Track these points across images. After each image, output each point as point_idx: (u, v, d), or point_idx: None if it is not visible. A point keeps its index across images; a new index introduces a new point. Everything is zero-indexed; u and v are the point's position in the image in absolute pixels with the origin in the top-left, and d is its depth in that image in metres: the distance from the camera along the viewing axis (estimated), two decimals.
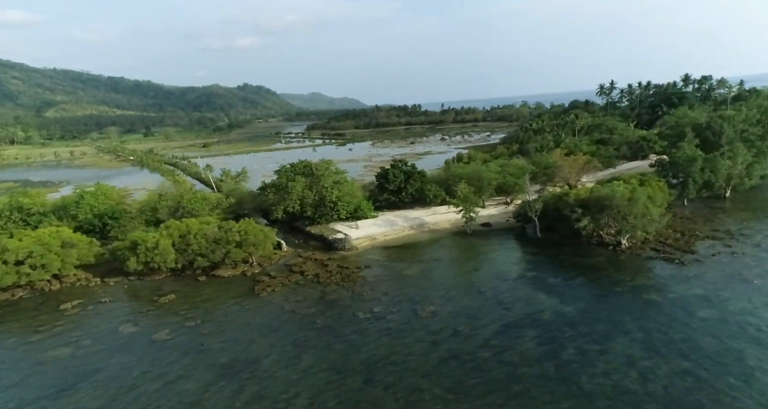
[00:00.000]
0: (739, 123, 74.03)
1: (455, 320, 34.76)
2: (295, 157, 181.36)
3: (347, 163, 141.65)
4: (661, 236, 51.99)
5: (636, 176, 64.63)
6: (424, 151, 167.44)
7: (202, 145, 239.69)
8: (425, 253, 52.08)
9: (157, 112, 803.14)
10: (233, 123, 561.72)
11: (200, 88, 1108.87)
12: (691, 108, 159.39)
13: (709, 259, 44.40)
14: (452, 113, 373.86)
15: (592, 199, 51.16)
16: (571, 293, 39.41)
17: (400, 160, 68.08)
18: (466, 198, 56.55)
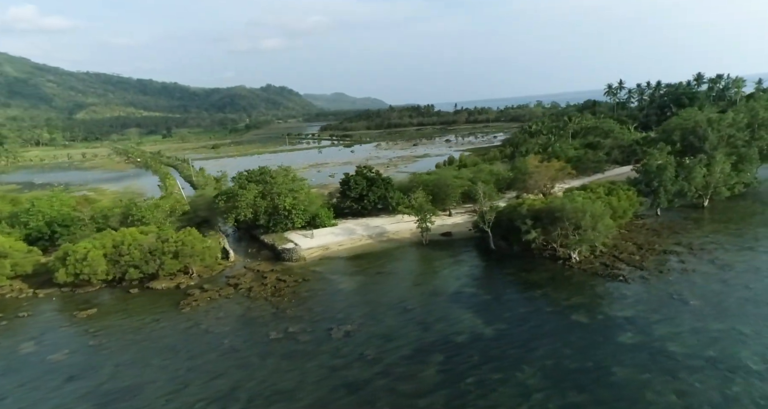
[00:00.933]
0: (725, 127, 69.79)
1: (367, 342, 33.70)
2: (297, 158, 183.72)
3: (342, 166, 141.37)
4: (617, 248, 49.60)
5: (605, 185, 61.98)
6: (423, 153, 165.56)
7: (212, 147, 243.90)
8: (372, 265, 51.07)
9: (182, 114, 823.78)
10: (252, 124, 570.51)
11: (224, 89, 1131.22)
12: (701, 109, 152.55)
13: (656, 276, 41.91)
14: (465, 113, 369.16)
15: (544, 211, 49.14)
16: (499, 312, 37.81)
17: (364, 167, 67.14)
18: (421, 207, 55.20)
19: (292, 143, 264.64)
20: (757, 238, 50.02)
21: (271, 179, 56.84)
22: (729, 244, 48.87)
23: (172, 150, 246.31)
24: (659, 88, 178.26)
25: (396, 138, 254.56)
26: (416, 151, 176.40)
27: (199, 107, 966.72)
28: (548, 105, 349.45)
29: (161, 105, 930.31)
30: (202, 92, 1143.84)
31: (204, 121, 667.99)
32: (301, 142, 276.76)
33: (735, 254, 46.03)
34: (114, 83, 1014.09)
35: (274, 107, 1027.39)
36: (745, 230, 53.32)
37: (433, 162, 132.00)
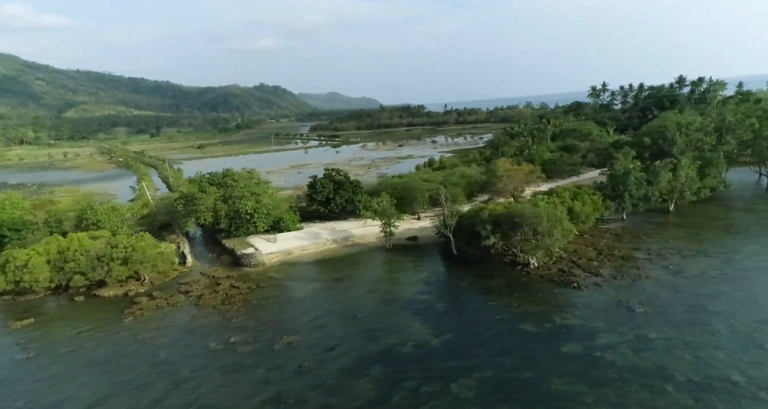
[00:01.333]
0: (693, 132, 69.79)
1: (308, 353, 32.92)
2: (282, 159, 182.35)
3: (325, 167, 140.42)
4: (578, 254, 49.25)
5: (571, 189, 61.68)
6: (407, 154, 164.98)
7: (197, 147, 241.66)
8: (331, 271, 50.36)
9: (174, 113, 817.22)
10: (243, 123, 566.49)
11: (217, 88, 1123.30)
12: (681, 111, 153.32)
13: (610, 283, 41.54)
14: (454, 114, 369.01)
15: (505, 216, 48.64)
16: (448, 320, 37.24)
17: (333, 169, 66.34)
18: (384, 212, 54.51)
19: (279, 143, 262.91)
20: (714, 243, 49.89)
21: (233, 182, 55.86)
22: (686, 249, 48.67)
23: (158, 150, 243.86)
24: (642, 90, 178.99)
25: (385, 138, 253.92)
26: (401, 152, 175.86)
27: (191, 106, 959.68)
28: (537, 106, 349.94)
29: (153, 104, 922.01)
30: (195, 91, 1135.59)
31: (196, 121, 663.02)
32: (290, 142, 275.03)
33: (690, 259, 45.82)
34: (106, 82, 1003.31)
35: (267, 106, 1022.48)
36: (704, 235, 53.18)
37: (416, 163, 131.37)
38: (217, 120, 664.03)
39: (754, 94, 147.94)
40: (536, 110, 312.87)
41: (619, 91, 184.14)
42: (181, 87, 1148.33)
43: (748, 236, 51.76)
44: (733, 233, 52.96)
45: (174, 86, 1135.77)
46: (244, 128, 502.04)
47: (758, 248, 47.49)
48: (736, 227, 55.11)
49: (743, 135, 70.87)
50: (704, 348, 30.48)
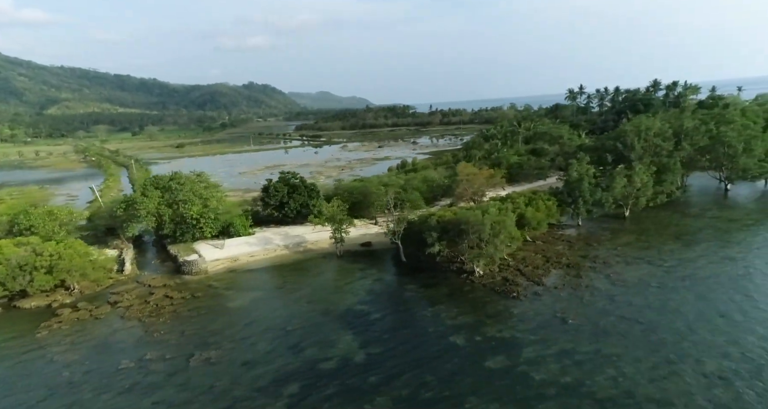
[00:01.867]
0: (651, 137, 69.65)
1: (225, 371, 31.30)
2: (259, 159, 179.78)
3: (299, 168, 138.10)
4: (525, 261, 48.38)
5: (526, 194, 60.97)
6: (384, 156, 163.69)
7: (176, 146, 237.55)
8: (276, 279, 48.84)
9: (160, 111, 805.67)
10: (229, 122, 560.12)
11: (205, 86, 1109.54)
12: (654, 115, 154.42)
13: (550, 292, 40.70)
14: (439, 115, 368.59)
15: (452, 222, 47.55)
16: (380, 333, 35.95)
17: (288, 172, 64.69)
18: (333, 217, 53.06)
19: (261, 143, 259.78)
20: (660, 251, 49.42)
21: (177, 186, 53.89)
22: (632, 257, 48.15)
23: (136, 149, 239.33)
24: (618, 93, 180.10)
25: (369, 139, 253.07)
26: (379, 153, 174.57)
27: (178, 104, 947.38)
28: (521, 108, 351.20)
29: (139, 101, 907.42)
30: (183, 89, 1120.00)
31: (181, 119, 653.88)
32: (273, 142, 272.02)
33: (633, 267, 45.27)
34: (90, 78, 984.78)
35: (256, 105, 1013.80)
36: (653, 242, 52.72)
37: (392, 164, 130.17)
38: (202, 118, 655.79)
39: (723, 99, 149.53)
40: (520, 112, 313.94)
41: (596, 94, 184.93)
42: (168, 85, 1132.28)
43: (694, 242, 51.46)
44: (681, 240, 52.61)
45: (161, 84, 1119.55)
46: (229, 127, 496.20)
47: (699, 256, 47.18)
48: (685, 234, 54.82)
49: (700, 141, 70.89)
50: (625, 362, 29.66)
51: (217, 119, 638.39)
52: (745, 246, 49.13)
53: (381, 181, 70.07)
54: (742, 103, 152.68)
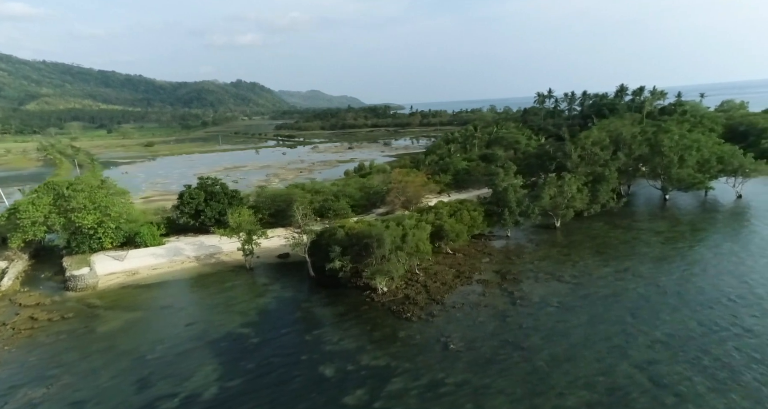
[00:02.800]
0: (589, 146, 68.04)
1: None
2: (222, 159, 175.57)
3: (259, 170, 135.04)
4: (436, 276, 46.12)
5: (452, 204, 58.72)
6: (349, 158, 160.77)
7: (146, 145, 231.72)
8: (167, 296, 45.81)
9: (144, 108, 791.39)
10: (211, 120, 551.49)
11: (192, 83, 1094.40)
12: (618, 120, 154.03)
13: (446, 312, 38.48)
14: (418, 116, 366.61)
15: (357, 236, 45.02)
16: (247, 362, 33.26)
17: (207, 177, 61.56)
18: (239, 227, 50.09)
19: (236, 143, 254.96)
20: (575, 265, 47.65)
21: (72, 193, 50.40)
22: (545, 272, 46.23)
23: (104, 147, 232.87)
24: (586, 97, 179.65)
25: (347, 139, 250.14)
26: (346, 155, 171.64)
27: (163, 101, 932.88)
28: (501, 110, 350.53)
29: (123, 98, 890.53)
30: (169, 86, 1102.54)
31: (164, 117, 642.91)
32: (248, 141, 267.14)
33: (541, 284, 43.33)
34: (74, 74, 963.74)
35: (243, 103, 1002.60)
36: (573, 255, 50.87)
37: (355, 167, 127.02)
38: (186, 116, 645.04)
39: (683, 105, 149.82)
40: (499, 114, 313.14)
41: (563, 98, 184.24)
42: (154, 81, 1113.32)
43: (612, 257, 49.73)
44: (601, 254, 50.86)
45: (147, 80, 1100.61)
46: (210, 126, 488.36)
47: (611, 272, 45.41)
48: (606, 247, 53.08)
49: (637, 150, 69.45)
50: (489, 395, 27.47)
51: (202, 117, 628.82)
52: (658, 262, 47.50)
53: (314, 187, 67.21)
54: (703, 110, 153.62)
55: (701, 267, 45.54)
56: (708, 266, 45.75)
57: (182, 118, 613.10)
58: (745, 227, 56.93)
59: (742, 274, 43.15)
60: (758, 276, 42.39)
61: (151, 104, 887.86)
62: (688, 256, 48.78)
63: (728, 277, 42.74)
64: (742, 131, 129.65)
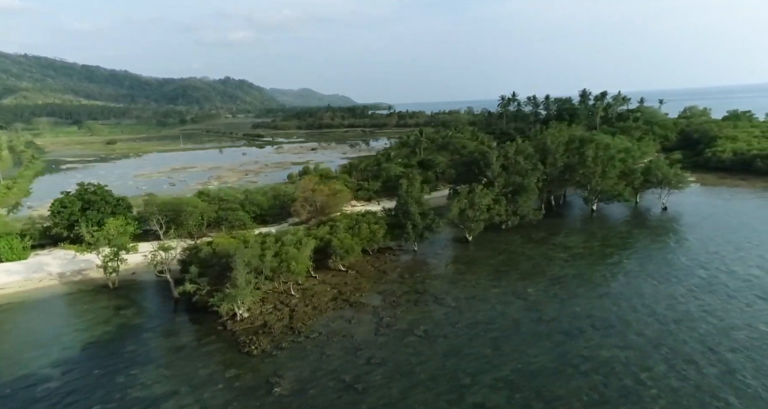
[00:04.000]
0: (512, 156, 64.23)
1: None
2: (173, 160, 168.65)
3: (208, 170, 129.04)
4: (312, 298, 41.80)
5: (353, 216, 54.31)
6: (305, 160, 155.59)
7: (107, 143, 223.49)
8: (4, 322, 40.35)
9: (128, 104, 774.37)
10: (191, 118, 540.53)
11: (178, 80, 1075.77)
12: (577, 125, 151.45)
13: (295, 345, 34.27)
14: (395, 116, 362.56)
15: (216, 256, 40.30)
16: None
17: (89, 184, 56.15)
18: (98, 242, 44.89)
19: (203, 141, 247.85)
20: (465, 287, 43.81)
21: None
22: (430, 294, 42.35)
23: (64, 144, 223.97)
24: (548, 102, 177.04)
25: (321, 139, 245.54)
26: (306, 156, 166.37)
27: (148, 98, 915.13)
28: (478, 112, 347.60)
29: (107, 94, 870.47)
30: (155, 82, 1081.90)
31: (145, 113, 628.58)
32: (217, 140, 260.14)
33: (418, 309, 39.42)
34: (56, 68, 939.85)
35: (230, 101, 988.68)
36: (468, 274, 46.91)
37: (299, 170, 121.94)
38: (168, 113, 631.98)
39: (636, 112, 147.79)
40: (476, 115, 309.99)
41: (526, 101, 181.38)
42: (139, 77, 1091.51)
43: (508, 276, 45.94)
44: (498, 272, 47.04)
45: (132, 76, 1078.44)
46: (189, 123, 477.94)
47: (498, 293, 41.70)
48: (508, 265, 49.27)
49: (560, 160, 65.81)
50: None
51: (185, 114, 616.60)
52: (551, 283, 43.75)
53: (219, 194, 62.13)
54: (660, 116, 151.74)
55: (588, 289, 41.91)
56: (597, 288, 42.10)
57: (164, 114, 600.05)
58: (656, 245, 53.48)
59: (625, 298, 39.63)
60: (638, 301, 38.86)
61: (135, 100, 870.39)
62: (584, 276, 45.04)
63: (609, 301, 39.12)
64: (696, 138, 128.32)
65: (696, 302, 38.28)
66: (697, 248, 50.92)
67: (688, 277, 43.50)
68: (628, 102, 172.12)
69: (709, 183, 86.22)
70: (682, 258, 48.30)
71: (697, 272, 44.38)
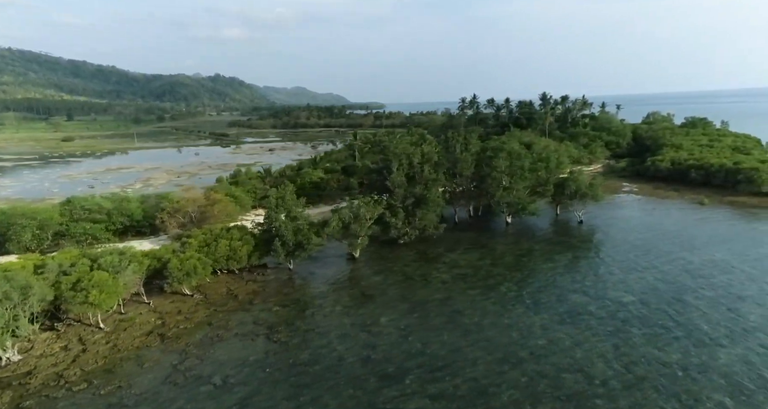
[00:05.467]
0: (417, 164, 58.77)
1: None
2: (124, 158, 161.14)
3: (147, 171, 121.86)
4: (120, 335, 35.65)
5: (215, 231, 48.20)
6: (254, 161, 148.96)
7: (63, 139, 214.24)
8: None
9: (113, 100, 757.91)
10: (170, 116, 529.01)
11: (166, 76, 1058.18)
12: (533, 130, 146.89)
13: (40, 404, 27.80)
14: (371, 117, 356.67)
15: None
16: None
17: None
18: None
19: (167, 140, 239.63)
20: (312, 316, 38.25)
21: None
22: (266, 326, 36.75)
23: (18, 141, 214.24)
24: (508, 105, 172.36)
25: (295, 139, 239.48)
26: (262, 157, 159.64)
27: (135, 94, 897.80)
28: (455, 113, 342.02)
29: (92, 89, 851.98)
30: (143, 78, 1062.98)
31: (127, 110, 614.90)
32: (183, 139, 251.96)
33: (242, 345, 33.88)
34: (41, 62, 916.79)
35: (219, 98, 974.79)
36: (325, 302, 41.36)
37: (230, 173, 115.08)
38: (152, 109, 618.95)
39: (585, 118, 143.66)
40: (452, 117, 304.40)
41: (485, 104, 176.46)
42: (127, 73, 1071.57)
43: (372, 301, 40.53)
44: (365, 296, 41.81)
45: (119, 72, 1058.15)
46: (168, 120, 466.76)
47: (347, 324, 35.96)
48: (381, 286, 43.84)
49: (466, 170, 60.47)
50: None
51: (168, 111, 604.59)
52: (408, 310, 38.44)
53: (82, 204, 55.36)
54: (616, 122, 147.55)
55: (445, 320, 36.62)
56: (455, 318, 36.83)
57: (147, 111, 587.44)
58: (547, 265, 48.27)
59: (477, 330, 34.55)
60: (492, 333, 33.63)
61: (120, 96, 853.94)
62: (449, 302, 39.66)
63: (457, 334, 33.94)
64: (647, 146, 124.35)
65: (552, 334, 33.17)
66: (586, 270, 45.97)
67: (559, 304, 38.44)
68: (590, 106, 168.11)
69: (643, 193, 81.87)
70: (566, 282, 43.26)
71: (571, 298, 39.37)
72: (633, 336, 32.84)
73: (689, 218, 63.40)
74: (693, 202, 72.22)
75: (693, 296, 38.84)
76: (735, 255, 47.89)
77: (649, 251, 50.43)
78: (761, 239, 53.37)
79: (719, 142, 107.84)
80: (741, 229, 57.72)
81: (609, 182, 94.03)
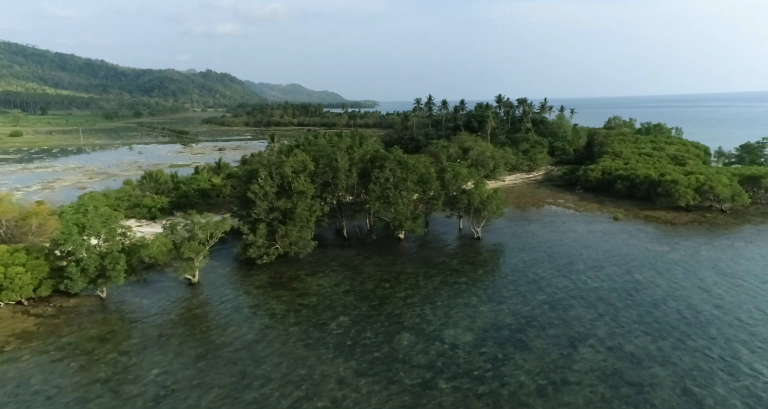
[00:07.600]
0: (289, 174, 50.97)
1: None
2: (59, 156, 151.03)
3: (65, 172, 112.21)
4: None
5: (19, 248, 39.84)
6: (192, 162, 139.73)
7: (10, 135, 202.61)
8: None
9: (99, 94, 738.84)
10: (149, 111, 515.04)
11: (156, 71, 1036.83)
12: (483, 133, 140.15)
13: None
14: (346, 116, 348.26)
15: None
16: None
17: None
18: None
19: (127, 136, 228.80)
20: (108, 363, 29.84)
21: None
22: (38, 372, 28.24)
23: None
24: (464, 107, 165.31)
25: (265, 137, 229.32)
26: (207, 158, 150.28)
27: (122, 88, 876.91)
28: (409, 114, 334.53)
29: (78, 83, 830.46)
30: (131, 73, 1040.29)
31: (110, 104, 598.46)
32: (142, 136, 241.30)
33: None
34: (27, 55, 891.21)
35: (209, 94, 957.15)
36: (108, 346, 33.13)
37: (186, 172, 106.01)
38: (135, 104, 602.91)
39: (528, 122, 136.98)
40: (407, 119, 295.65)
41: (441, 106, 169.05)
42: (116, 67, 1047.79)
43: (153, 347, 32.31)
44: (162, 336, 33.59)
45: (108, 65, 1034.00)
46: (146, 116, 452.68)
47: (114, 372, 27.78)
48: (183, 323, 35.78)
49: (345, 181, 52.77)
50: None
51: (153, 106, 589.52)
52: (187, 360, 30.58)
53: None
54: (567, 127, 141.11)
55: (204, 378, 28.74)
56: (217, 375, 28.99)
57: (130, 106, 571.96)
58: (402, 293, 41.01)
59: (264, 383, 26.66)
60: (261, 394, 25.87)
61: (107, 91, 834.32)
62: (237, 354, 31.87)
63: (195, 399, 26.02)
64: (595, 152, 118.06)
65: (347, 391, 25.61)
66: (444, 300, 38.69)
67: (377, 348, 31.07)
68: (550, 110, 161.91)
69: (568, 205, 74.97)
70: (407, 316, 35.91)
71: (395, 341, 31.98)
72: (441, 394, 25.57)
73: (591, 236, 56.62)
74: (609, 216, 65.58)
75: (534, 335, 31.80)
76: (605, 282, 41.27)
77: (525, 275, 43.60)
78: (655, 262, 46.68)
79: (662, 151, 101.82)
80: (634, 249, 51.15)
81: (539, 192, 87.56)
